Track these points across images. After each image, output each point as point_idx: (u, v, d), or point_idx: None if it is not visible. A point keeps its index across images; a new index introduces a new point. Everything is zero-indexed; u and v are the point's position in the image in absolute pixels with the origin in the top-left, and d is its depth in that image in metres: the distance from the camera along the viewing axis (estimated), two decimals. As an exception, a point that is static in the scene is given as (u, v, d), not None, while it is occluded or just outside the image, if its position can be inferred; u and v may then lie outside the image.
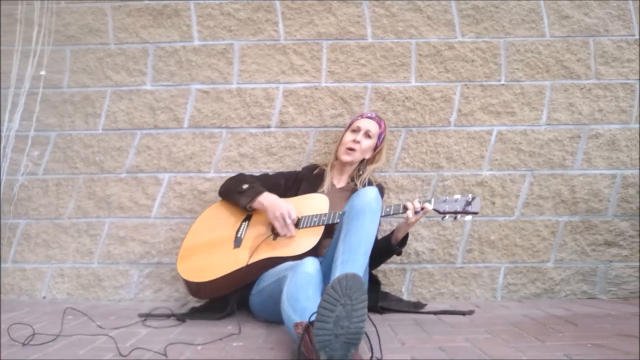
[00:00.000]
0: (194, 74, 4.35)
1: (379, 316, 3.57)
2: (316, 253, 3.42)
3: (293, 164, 4.30)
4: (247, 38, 4.35)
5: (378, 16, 4.33)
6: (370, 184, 3.88)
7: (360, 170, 3.95)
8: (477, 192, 4.25)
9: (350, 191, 3.77)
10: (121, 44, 4.38)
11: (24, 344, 2.86)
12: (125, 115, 4.35)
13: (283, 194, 3.76)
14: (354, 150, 3.83)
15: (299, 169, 4.15)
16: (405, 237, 3.69)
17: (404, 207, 3.48)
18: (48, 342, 2.91)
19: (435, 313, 3.68)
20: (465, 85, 4.30)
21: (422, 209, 3.46)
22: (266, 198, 3.63)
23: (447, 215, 3.51)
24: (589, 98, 4.28)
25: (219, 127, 4.33)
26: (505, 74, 4.30)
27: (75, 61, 4.38)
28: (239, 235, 3.62)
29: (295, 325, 2.59)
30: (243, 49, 4.35)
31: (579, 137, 4.27)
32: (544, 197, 4.26)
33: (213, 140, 4.33)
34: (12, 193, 4.28)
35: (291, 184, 3.95)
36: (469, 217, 3.54)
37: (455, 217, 3.52)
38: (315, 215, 3.55)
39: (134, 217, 4.30)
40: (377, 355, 2.51)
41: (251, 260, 3.42)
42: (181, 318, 3.52)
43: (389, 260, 3.87)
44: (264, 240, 3.53)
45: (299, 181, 3.95)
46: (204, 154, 4.32)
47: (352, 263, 2.96)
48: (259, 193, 3.65)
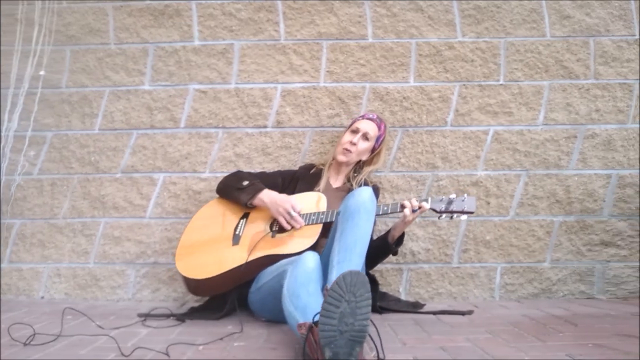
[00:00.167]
0: (192, 74, 4.35)
1: (378, 316, 3.56)
2: (314, 251, 3.38)
3: (288, 164, 4.29)
4: (248, 38, 4.35)
5: (379, 16, 4.33)
6: (365, 184, 3.87)
7: (356, 171, 3.96)
8: (472, 192, 4.25)
9: (346, 191, 3.76)
10: (121, 44, 4.37)
11: (25, 344, 2.86)
12: (122, 115, 4.35)
13: (280, 193, 3.73)
14: (350, 151, 3.82)
15: (296, 169, 4.15)
16: (402, 237, 3.69)
17: (401, 206, 3.48)
18: (49, 342, 2.91)
19: (434, 313, 3.68)
20: (464, 85, 4.30)
21: (420, 207, 3.47)
22: (267, 195, 3.63)
23: (444, 215, 3.51)
24: (587, 98, 4.28)
25: (215, 127, 4.33)
26: (504, 74, 4.30)
27: (74, 61, 4.38)
28: (237, 232, 3.62)
29: (299, 326, 2.59)
30: (243, 49, 4.35)
31: (575, 137, 4.27)
32: (539, 197, 4.26)
33: (209, 140, 4.33)
34: (10, 193, 4.29)
35: (288, 182, 3.94)
36: (464, 217, 3.55)
37: (451, 217, 3.53)
38: (313, 213, 3.56)
39: (129, 217, 4.30)
40: (380, 355, 2.51)
41: (250, 258, 3.42)
42: (181, 318, 3.52)
43: (385, 260, 3.87)
44: (262, 237, 3.53)
45: (296, 180, 3.95)
46: (200, 154, 4.32)
47: (348, 263, 2.95)
48: (260, 190, 3.65)
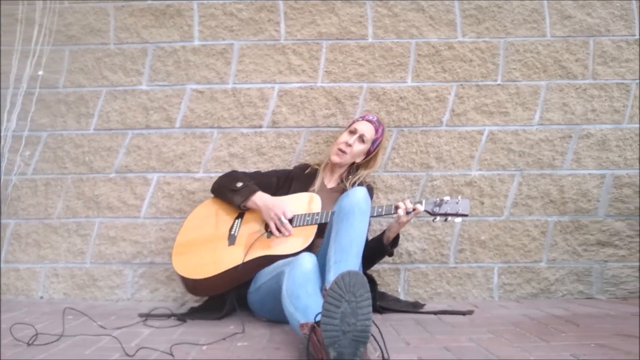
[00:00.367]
0: (190, 74, 4.34)
1: (379, 316, 3.56)
2: (310, 252, 3.36)
3: (282, 164, 4.29)
4: (248, 38, 4.35)
5: (380, 16, 4.32)
6: (359, 184, 3.85)
7: (350, 173, 3.94)
8: (466, 192, 4.25)
9: (341, 192, 3.73)
10: (121, 44, 4.37)
11: (28, 344, 2.87)
12: (118, 115, 4.34)
13: (274, 193, 3.75)
14: (345, 152, 3.81)
15: (290, 168, 4.15)
16: (397, 237, 3.69)
17: (395, 207, 3.49)
18: (52, 342, 2.91)
19: (435, 313, 3.68)
20: (461, 85, 4.30)
21: (414, 209, 3.47)
22: (260, 198, 3.62)
23: (438, 217, 3.51)
24: (584, 98, 4.29)
25: (210, 127, 4.32)
26: (502, 74, 4.30)
27: (73, 61, 4.37)
28: (233, 232, 3.62)
29: (301, 325, 2.60)
30: (242, 49, 4.34)
31: (569, 137, 4.27)
32: (533, 197, 4.26)
33: (204, 140, 4.32)
34: (7, 193, 4.28)
35: (282, 182, 3.94)
36: (459, 220, 3.55)
37: (445, 219, 3.52)
38: (308, 214, 3.56)
39: (123, 217, 4.29)
40: (385, 355, 2.52)
41: (247, 258, 3.43)
42: (181, 318, 3.53)
43: (382, 260, 3.86)
44: (258, 238, 3.53)
45: (290, 180, 3.94)
46: (194, 154, 4.32)
47: (345, 263, 2.95)
48: (253, 192, 3.64)
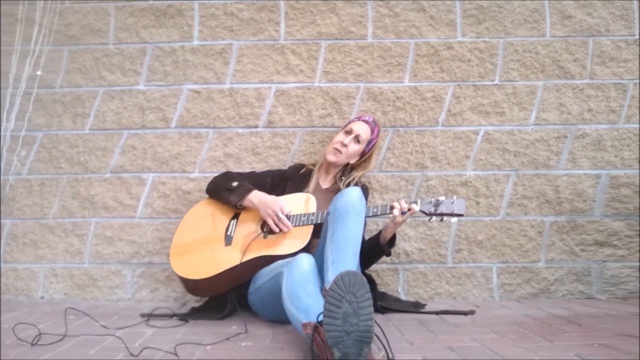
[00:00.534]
0: (188, 73, 4.34)
1: (380, 316, 3.56)
2: (307, 252, 3.36)
3: (278, 164, 4.29)
4: (247, 38, 4.35)
5: (381, 16, 4.32)
6: (355, 184, 3.84)
7: (344, 173, 3.94)
8: (462, 192, 4.25)
9: (335, 192, 3.71)
10: (120, 44, 4.37)
11: (32, 344, 2.86)
12: (114, 115, 4.34)
13: (269, 193, 3.72)
14: (340, 152, 3.81)
15: (285, 168, 4.15)
16: (393, 237, 3.68)
17: (391, 207, 3.48)
18: (56, 342, 2.91)
19: (436, 313, 3.68)
20: (458, 85, 4.30)
21: (409, 209, 3.46)
22: (256, 196, 3.63)
23: (434, 217, 3.50)
24: (580, 98, 4.29)
25: (206, 127, 4.32)
26: (499, 73, 4.30)
27: (72, 61, 4.37)
28: (229, 233, 3.62)
29: (304, 325, 2.60)
30: (241, 49, 4.34)
31: (565, 137, 4.28)
32: (528, 197, 4.27)
33: (199, 140, 4.32)
34: (5, 193, 4.28)
35: (277, 182, 3.94)
36: (454, 220, 3.56)
37: (441, 219, 3.51)
38: (303, 214, 3.56)
39: (119, 217, 4.29)
40: (389, 355, 2.51)
41: (244, 259, 3.43)
42: (184, 318, 3.53)
43: (380, 260, 3.85)
44: (254, 238, 3.53)
45: (285, 180, 3.94)
46: (189, 154, 4.31)
47: (343, 263, 2.96)
48: (249, 191, 3.65)
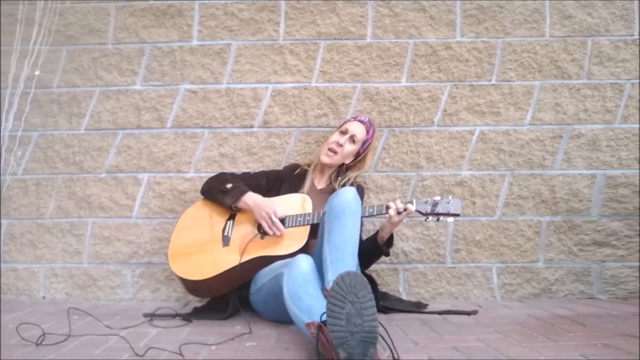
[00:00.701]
0: (185, 73, 4.33)
1: (383, 316, 3.56)
2: (305, 253, 3.37)
3: (273, 164, 4.29)
4: (246, 38, 4.34)
5: (381, 16, 4.32)
6: (351, 184, 3.84)
7: (339, 174, 3.93)
8: (457, 192, 4.25)
9: (330, 193, 3.69)
10: (119, 44, 4.36)
11: (37, 344, 2.86)
12: (110, 115, 4.33)
13: (264, 194, 3.73)
14: (335, 153, 3.81)
15: (280, 169, 4.14)
16: (391, 237, 3.68)
17: (386, 207, 3.48)
18: (61, 342, 2.91)
19: (439, 313, 3.69)
20: (455, 85, 4.30)
21: (405, 209, 3.45)
22: (251, 198, 3.62)
23: (430, 217, 3.50)
24: (576, 98, 4.29)
25: (201, 127, 4.32)
26: (497, 74, 4.30)
27: (69, 61, 4.36)
28: (226, 234, 3.62)
29: (307, 325, 2.61)
30: (239, 49, 4.34)
31: (560, 137, 4.28)
32: (524, 197, 4.27)
33: (194, 140, 4.32)
34: (3, 193, 4.29)
35: (272, 183, 3.93)
36: (451, 219, 3.56)
37: (437, 219, 3.51)
38: (299, 214, 3.56)
39: (116, 217, 4.28)
40: (395, 355, 2.52)
41: (243, 259, 3.43)
42: (187, 318, 3.53)
43: (379, 260, 3.84)
44: (251, 239, 3.53)
45: (280, 181, 3.93)
46: (184, 154, 4.31)
47: (342, 263, 2.95)
48: (243, 193, 3.64)
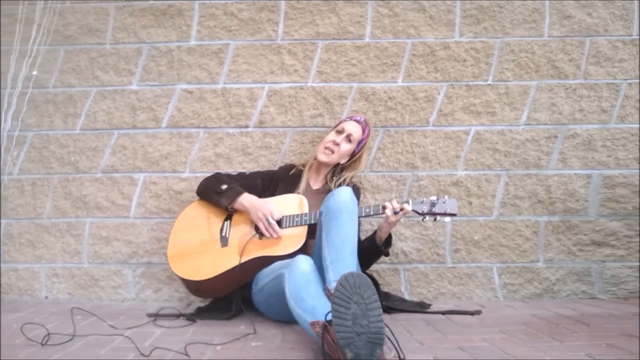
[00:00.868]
0: (182, 73, 4.33)
1: (387, 316, 3.55)
2: (304, 253, 3.37)
3: (268, 164, 4.29)
4: (245, 38, 4.34)
5: (380, 16, 4.32)
6: (347, 184, 3.83)
7: (335, 174, 3.93)
8: (453, 192, 4.26)
9: (326, 193, 3.66)
10: (117, 44, 4.35)
11: (42, 344, 2.86)
12: (105, 115, 4.33)
13: (260, 195, 3.74)
14: (333, 152, 3.81)
15: (275, 169, 4.15)
16: (389, 237, 3.68)
17: (383, 207, 3.47)
18: (66, 342, 2.91)
19: (442, 313, 3.69)
20: (451, 85, 4.30)
21: (402, 209, 3.45)
22: (247, 199, 3.62)
23: (427, 217, 3.51)
24: (572, 98, 4.30)
25: (196, 127, 4.32)
26: (493, 74, 4.30)
27: (67, 61, 4.35)
28: (224, 234, 3.63)
29: (312, 324, 2.61)
30: (237, 49, 4.33)
31: (555, 137, 4.29)
32: (520, 197, 4.27)
33: (189, 140, 4.31)
34: (1, 193, 4.30)
35: (267, 184, 3.92)
36: (448, 219, 3.54)
37: (435, 218, 3.52)
38: (296, 215, 3.56)
39: (113, 217, 4.28)
40: (401, 355, 2.51)
41: (243, 259, 3.44)
42: (191, 318, 3.53)
43: (379, 260, 3.84)
44: (250, 239, 3.54)
45: (276, 181, 3.93)
46: (180, 154, 4.31)
47: (342, 263, 2.97)
48: (239, 194, 3.64)
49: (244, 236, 3.58)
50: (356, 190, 3.81)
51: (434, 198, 3.47)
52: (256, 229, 3.58)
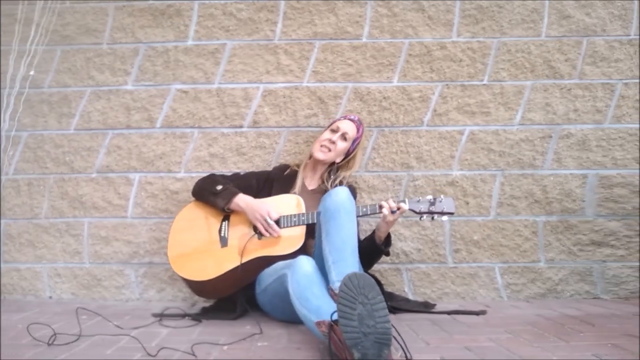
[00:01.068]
0: (177, 73, 4.32)
1: (392, 316, 3.50)
2: (304, 253, 3.40)
3: (262, 164, 4.28)
4: (242, 38, 4.34)
5: (379, 16, 4.32)
6: (341, 184, 3.84)
7: (331, 173, 3.93)
8: (449, 192, 4.26)
9: (322, 193, 3.67)
10: (114, 44, 4.35)
11: (49, 344, 2.86)
12: (100, 115, 4.32)
13: (255, 195, 3.72)
14: (329, 150, 3.81)
15: (269, 169, 4.14)
16: (389, 237, 3.68)
17: (379, 207, 3.49)
18: (72, 342, 2.91)
19: (447, 313, 3.69)
20: (446, 85, 4.30)
21: (398, 208, 3.46)
22: (242, 199, 3.62)
23: (425, 216, 3.52)
24: (567, 98, 4.30)
25: (191, 127, 4.31)
26: (489, 74, 4.31)
27: (63, 61, 4.35)
28: (223, 234, 3.63)
29: (318, 324, 2.61)
30: (234, 49, 4.33)
31: (550, 137, 4.29)
32: (517, 197, 4.27)
33: (184, 140, 4.31)
34: (1, 193, 4.31)
35: (262, 184, 3.92)
36: (445, 218, 3.57)
37: (432, 217, 3.53)
38: (294, 215, 3.56)
39: (111, 217, 4.28)
40: (407, 355, 2.51)
41: (244, 259, 3.44)
42: (196, 318, 3.53)
43: (380, 260, 3.84)
44: (249, 239, 3.54)
45: (271, 182, 3.92)
46: (174, 154, 4.30)
47: (344, 262, 2.99)
48: (234, 194, 3.64)
49: (243, 236, 3.58)
50: (352, 190, 3.79)
51: (430, 197, 3.50)
52: (255, 229, 3.58)
